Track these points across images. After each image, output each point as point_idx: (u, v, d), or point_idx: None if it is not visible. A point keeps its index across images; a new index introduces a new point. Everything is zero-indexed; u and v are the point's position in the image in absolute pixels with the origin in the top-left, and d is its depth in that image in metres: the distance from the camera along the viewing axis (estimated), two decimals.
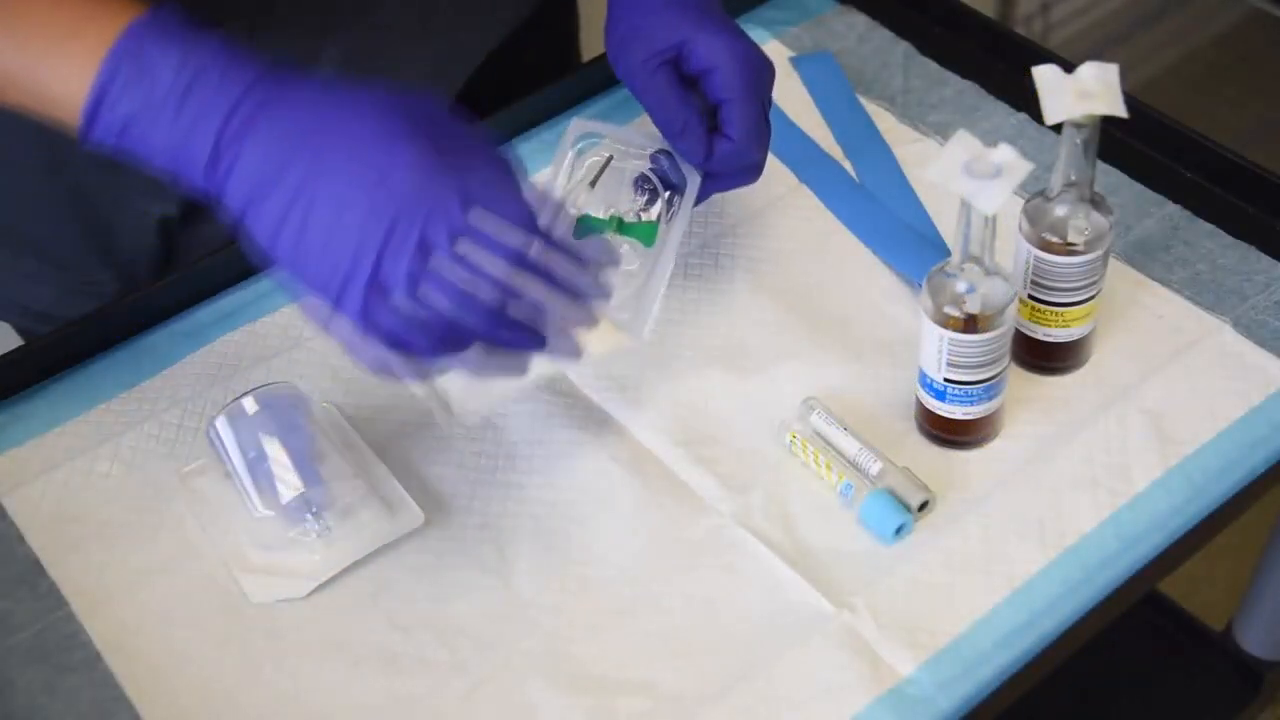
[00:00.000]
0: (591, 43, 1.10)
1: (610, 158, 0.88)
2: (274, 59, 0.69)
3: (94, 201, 0.94)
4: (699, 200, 0.85)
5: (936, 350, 0.77)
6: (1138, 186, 0.95)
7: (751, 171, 0.85)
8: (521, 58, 1.06)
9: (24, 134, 0.91)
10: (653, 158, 0.86)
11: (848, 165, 0.98)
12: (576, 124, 0.88)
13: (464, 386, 0.84)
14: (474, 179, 0.67)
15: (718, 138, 0.82)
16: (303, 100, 0.67)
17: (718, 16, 0.82)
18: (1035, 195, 0.80)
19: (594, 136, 0.88)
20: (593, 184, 0.87)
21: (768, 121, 0.83)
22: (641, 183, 0.86)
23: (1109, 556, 0.76)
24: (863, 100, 1.02)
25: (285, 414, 0.80)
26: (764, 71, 0.83)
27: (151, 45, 0.66)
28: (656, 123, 0.83)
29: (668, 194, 0.86)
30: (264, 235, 0.67)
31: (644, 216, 0.86)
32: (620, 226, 0.85)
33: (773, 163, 0.97)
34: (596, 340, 0.80)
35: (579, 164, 0.88)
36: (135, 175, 0.92)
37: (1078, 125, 0.75)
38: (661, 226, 0.85)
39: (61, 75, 0.67)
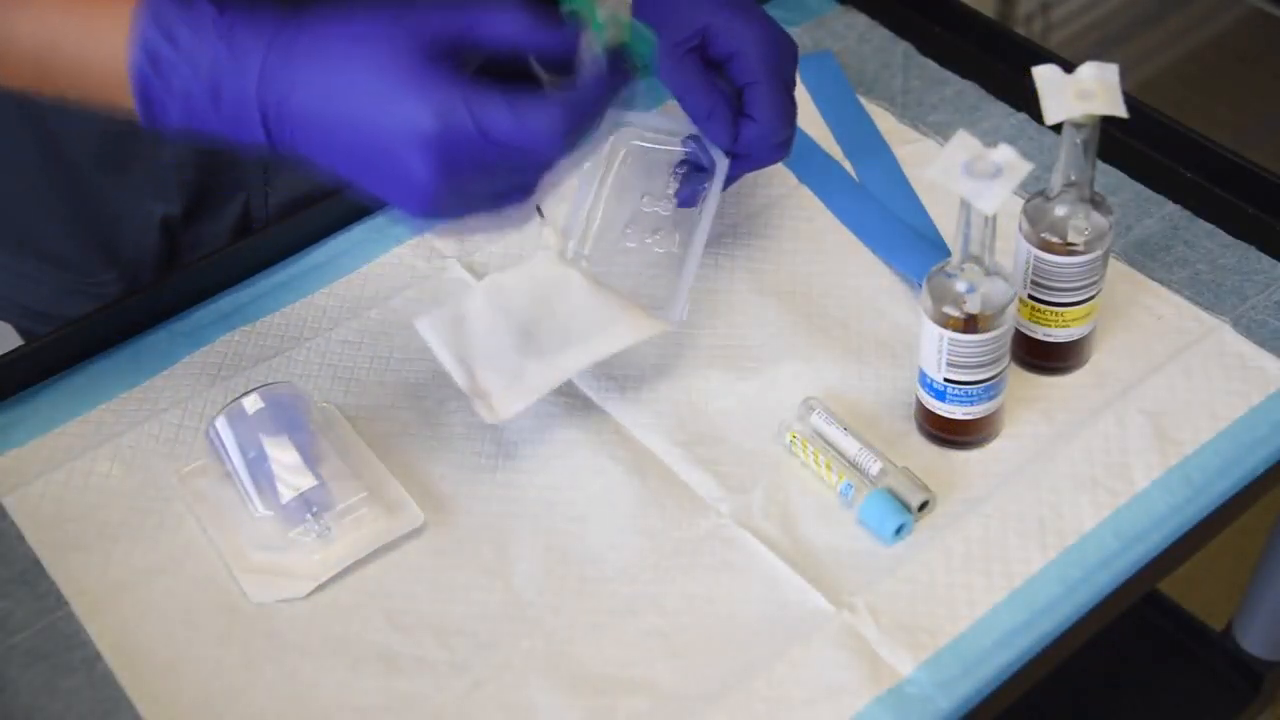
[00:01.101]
0: None
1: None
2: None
3: (96, 201, 0.94)
4: (730, 181, 0.88)
5: (936, 350, 0.77)
6: (1138, 186, 0.95)
7: (780, 149, 0.87)
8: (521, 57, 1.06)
9: (24, 134, 0.91)
10: (684, 141, 0.89)
11: (848, 165, 0.98)
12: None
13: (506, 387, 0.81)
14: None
15: (744, 120, 0.84)
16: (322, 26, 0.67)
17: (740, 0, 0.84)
18: (1035, 195, 0.80)
19: (621, 125, 0.90)
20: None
21: (793, 99, 0.85)
22: (679, 167, 0.90)
23: (1108, 556, 0.76)
24: (863, 100, 1.02)
25: (285, 414, 0.80)
26: (787, 52, 0.85)
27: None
28: (684, 108, 0.85)
29: (701, 176, 0.89)
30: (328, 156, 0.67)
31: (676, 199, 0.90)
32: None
33: None
34: (629, 329, 0.81)
35: (614, 152, 0.91)
36: (137, 175, 0.93)
37: (1078, 125, 0.75)
38: (696, 213, 0.88)
39: (97, 50, 0.66)
